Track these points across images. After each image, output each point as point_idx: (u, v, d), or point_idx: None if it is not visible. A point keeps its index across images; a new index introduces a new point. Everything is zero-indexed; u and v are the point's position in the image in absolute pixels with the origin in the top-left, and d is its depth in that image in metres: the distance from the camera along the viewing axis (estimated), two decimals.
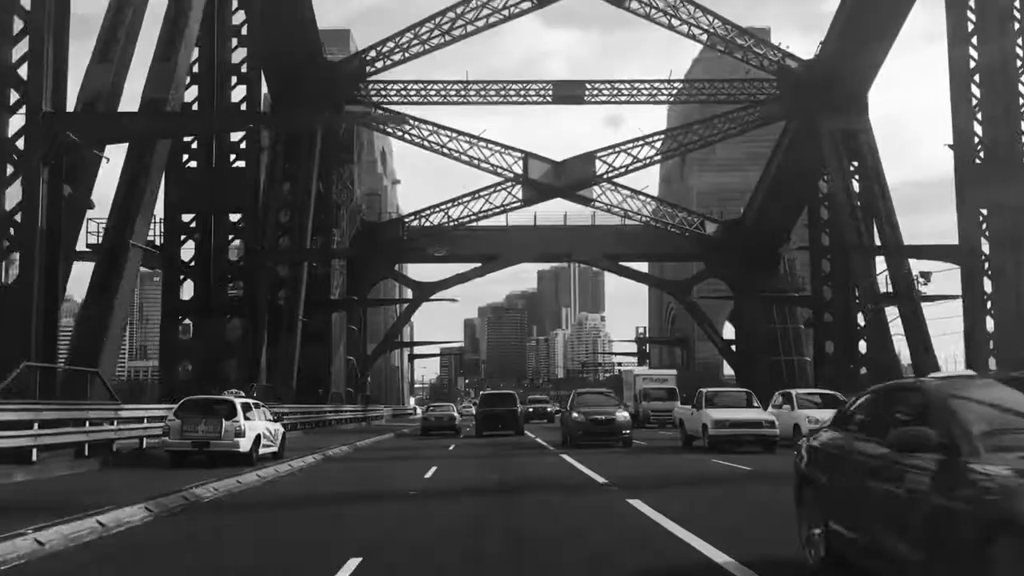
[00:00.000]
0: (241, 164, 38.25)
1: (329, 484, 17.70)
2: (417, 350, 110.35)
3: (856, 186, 49.26)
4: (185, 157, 37.58)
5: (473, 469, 20.43)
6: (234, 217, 38.76)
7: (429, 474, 18.78)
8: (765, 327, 63.31)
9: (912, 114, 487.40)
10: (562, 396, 63.25)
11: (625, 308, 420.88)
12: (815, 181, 56.24)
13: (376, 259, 65.76)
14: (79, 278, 47.71)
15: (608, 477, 16.74)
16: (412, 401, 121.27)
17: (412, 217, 67.46)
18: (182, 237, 37.94)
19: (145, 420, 21.16)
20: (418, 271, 77.75)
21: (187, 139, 36.69)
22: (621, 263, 70.12)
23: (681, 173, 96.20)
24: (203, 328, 37.04)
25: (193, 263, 37.63)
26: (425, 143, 57.65)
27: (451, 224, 65.22)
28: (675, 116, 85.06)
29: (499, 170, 59.66)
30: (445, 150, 58.07)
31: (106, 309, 26.43)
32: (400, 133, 57.86)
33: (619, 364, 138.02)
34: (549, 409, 61.85)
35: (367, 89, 55.95)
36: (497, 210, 63.91)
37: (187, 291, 38.07)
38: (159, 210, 34.66)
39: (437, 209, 65.77)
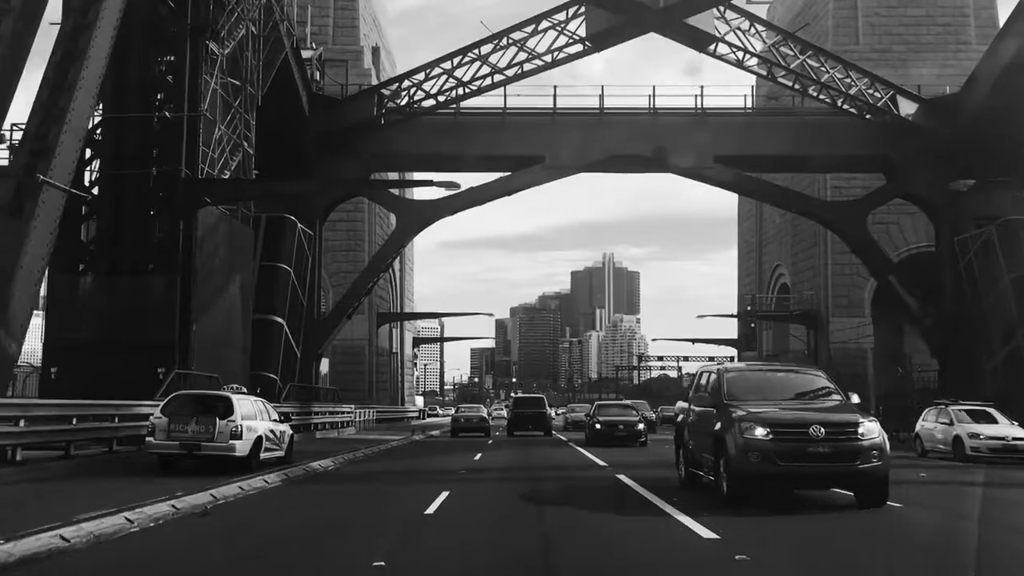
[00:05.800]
0: None
1: None
2: (427, 329, 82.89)
3: None
4: None
5: None
6: None
7: None
8: (1008, 282, 35.30)
9: None
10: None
11: (661, 310, 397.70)
12: None
13: (343, 160, 38.57)
14: None
15: None
16: (420, 401, 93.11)
17: (396, 85, 40.13)
18: None
19: None
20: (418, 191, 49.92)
21: None
22: (745, 174, 42.09)
23: None
24: None
25: None
26: None
27: (461, 92, 37.78)
28: None
29: None
30: None
31: None
32: None
33: (687, 357, 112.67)
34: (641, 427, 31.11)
35: None
36: (540, 62, 36.38)
37: None
38: None
39: (437, 69, 38.40)
